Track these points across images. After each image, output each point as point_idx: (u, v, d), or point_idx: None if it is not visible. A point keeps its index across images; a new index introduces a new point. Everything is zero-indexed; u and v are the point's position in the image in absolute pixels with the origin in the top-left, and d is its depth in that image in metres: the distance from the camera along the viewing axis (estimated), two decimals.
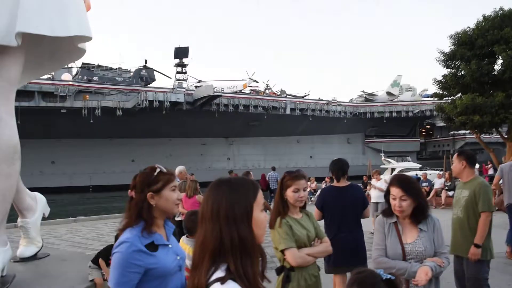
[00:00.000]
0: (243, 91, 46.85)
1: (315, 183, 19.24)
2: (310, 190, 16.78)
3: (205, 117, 39.26)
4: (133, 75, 43.03)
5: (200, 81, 45.09)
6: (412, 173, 21.89)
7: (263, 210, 1.23)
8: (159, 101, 36.28)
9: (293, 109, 44.64)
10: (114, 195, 27.72)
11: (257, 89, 50.34)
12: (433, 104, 39.70)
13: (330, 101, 47.96)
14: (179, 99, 37.69)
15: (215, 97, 38.50)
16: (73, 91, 34.11)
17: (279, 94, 49.68)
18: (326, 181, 17.99)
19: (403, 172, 18.62)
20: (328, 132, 49.25)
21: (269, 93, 49.17)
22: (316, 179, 20.46)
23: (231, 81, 47.72)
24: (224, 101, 40.17)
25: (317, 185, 18.71)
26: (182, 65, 45.28)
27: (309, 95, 50.84)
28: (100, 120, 34.03)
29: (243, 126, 43.45)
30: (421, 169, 26.58)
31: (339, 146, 49.60)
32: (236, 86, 46.83)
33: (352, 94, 72.54)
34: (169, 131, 39.52)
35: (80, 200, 30.16)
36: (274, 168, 16.78)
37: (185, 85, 43.69)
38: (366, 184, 14.46)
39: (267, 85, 51.99)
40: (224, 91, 42.13)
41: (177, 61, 45.08)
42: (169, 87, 40.36)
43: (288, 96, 48.70)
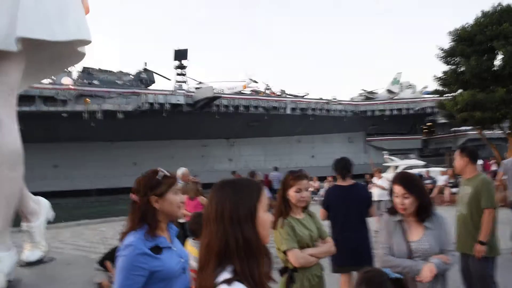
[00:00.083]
0: (243, 91, 46.85)
1: (317, 182, 19.22)
2: (312, 189, 16.77)
3: (205, 118, 39.25)
4: (133, 78, 43.12)
5: (200, 82, 45.11)
6: (416, 170, 21.83)
7: (267, 211, 1.23)
8: (160, 104, 36.29)
9: (293, 109, 44.55)
10: (116, 198, 27.74)
11: (257, 89, 50.31)
12: (433, 101, 39.60)
13: (331, 100, 47.86)
14: (179, 101, 37.68)
15: (215, 98, 38.50)
16: (74, 95, 34.17)
17: (279, 94, 49.62)
18: (328, 180, 17.98)
19: (406, 170, 18.56)
20: (329, 131, 49.16)
21: (269, 93, 49.12)
22: (318, 179, 20.44)
23: (230, 82, 47.73)
24: (224, 102, 40.14)
25: (319, 185, 18.70)
26: (181, 67, 45.31)
27: (309, 94, 50.81)
28: (101, 124, 34.07)
29: (243, 127, 43.41)
30: (424, 166, 26.47)
31: (340, 145, 49.49)
32: (236, 87, 46.84)
33: (353, 93, 72.32)
34: (170, 133, 39.52)
35: (83, 203, 30.19)
36: (276, 168, 16.78)
37: (185, 87, 43.71)
38: (367, 182, 14.43)
39: (267, 85, 51.96)
40: (224, 92, 42.14)
41: (176, 63, 45.13)
42: (169, 89, 40.38)
43: (288, 96, 48.62)
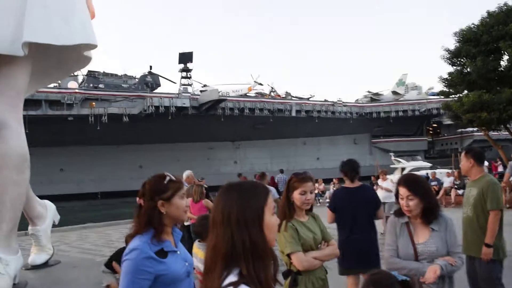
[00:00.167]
0: (248, 94, 46.91)
1: (322, 184, 19.16)
2: (318, 191, 16.74)
3: (211, 121, 39.33)
4: (139, 81, 43.30)
5: (205, 85, 45.22)
6: (422, 172, 21.71)
7: (274, 214, 1.23)
8: (165, 107, 36.41)
9: (298, 111, 44.53)
10: (122, 201, 27.84)
11: (262, 92, 50.37)
12: (439, 102, 39.41)
13: (336, 102, 47.78)
14: (184, 104, 37.79)
15: (220, 101, 38.58)
16: (80, 99, 34.38)
17: (284, 96, 49.63)
18: (334, 182, 17.93)
19: (412, 172, 18.49)
20: (334, 133, 49.07)
21: (274, 96, 49.15)
22: (323, 181, 20.37)
23: (236, 84, 47.84)
24: (230, 105, 40.21)
25: (325, 187, 18.64)
26: (186, 70, 45.43)
27: (314, 96, 50.77)
28: (107, 127, 34.24)
29: (249, 129, 43.44)
30: (431, 168, 26.31)
31: (345, 147, 49.37)
32: (241, 89, 46.93)
33: (358, 95, 72.17)
34: (175, 136, 39.63)
35: (89, 206, 30.33)
36: (282, 170, 16.77)
37: (190, 90, 43.81)
38: (373, 184, 14.40)
39: (272, 88, 51.99)
40: (229, 95, 42.24)
41: (181, 66, 45.29)
42: (175, 92, 40.51)
43: (293, 98, 48.62)
